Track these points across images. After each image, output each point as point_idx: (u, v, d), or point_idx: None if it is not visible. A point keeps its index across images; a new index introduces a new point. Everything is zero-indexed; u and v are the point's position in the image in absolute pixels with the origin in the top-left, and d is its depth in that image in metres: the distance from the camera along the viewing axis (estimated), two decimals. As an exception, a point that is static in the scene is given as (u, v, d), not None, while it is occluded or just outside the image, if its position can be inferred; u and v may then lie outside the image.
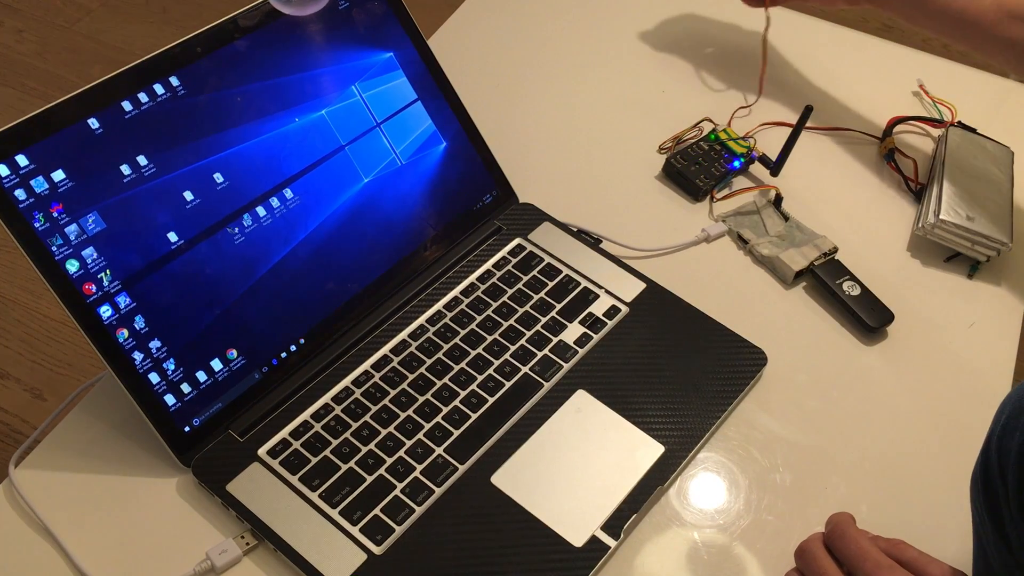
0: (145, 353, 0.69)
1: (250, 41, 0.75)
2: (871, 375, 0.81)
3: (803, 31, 1.14)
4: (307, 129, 0.78)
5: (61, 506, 0.69)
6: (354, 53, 0.81)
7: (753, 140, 0.96)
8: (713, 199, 0.93)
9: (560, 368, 0.77)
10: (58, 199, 0.66)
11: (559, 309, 0.81)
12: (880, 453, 0.75)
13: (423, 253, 0.83)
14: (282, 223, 0.76)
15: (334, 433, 0.72)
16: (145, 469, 0.71)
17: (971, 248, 0.87)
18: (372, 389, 0.75)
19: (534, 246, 0.86)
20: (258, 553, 0.68)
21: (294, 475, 0.70)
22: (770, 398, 0.78)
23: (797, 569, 0.66)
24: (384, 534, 0.67)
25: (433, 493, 0.69)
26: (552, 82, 1.05)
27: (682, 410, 0.75)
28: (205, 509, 0.69)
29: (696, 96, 1.04)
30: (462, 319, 0.80)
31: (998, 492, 0.57)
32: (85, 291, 0.67)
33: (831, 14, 1.02)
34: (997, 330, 0.84)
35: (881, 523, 0.68)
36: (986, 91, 1.09)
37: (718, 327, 0.81)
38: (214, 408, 0.72)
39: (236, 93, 0.74)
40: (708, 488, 0.73)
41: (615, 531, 0.68)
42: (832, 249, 0.87)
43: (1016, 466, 0.55)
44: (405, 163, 0.83)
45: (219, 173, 0.73)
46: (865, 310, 0.83)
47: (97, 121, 0.68)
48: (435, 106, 0.85)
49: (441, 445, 0.72)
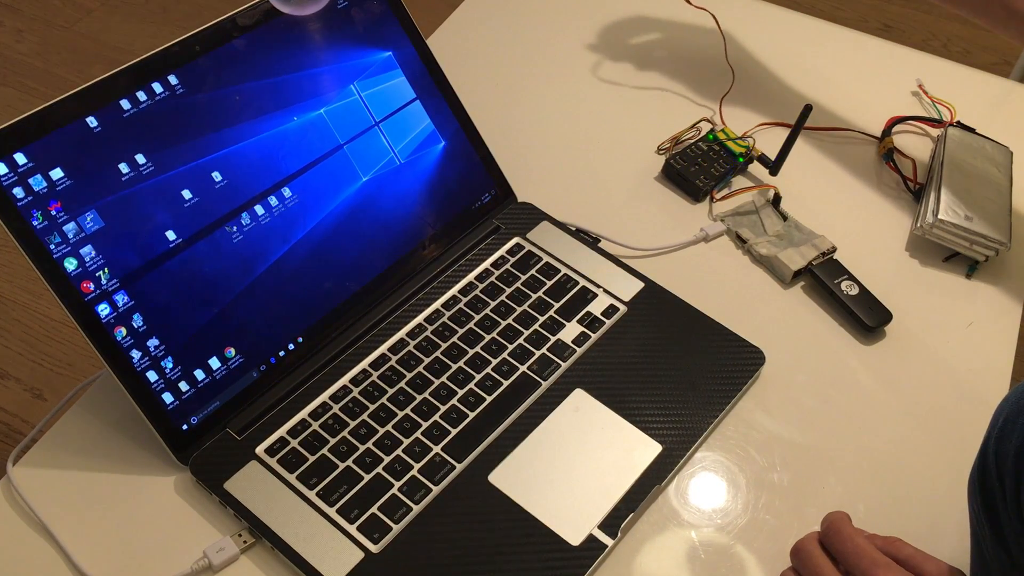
0: (143, 351, 0.69)
1: (249, 40, 0.75)
2: (869, 375, 0.81)
3: (803, 31, 1.14)
4: (306, 128, 0.78)
5: (59, 504, 0.69)
6: (353, 52, 0.81)
7: (752, 140, 0.96)
8: (713, 199, 0.93)
9: (558, 367, 0.77)
10: (56, 197, 0.66)
11: (557, 308, 0.81)
12: (877, 452, 0.75)
13: (421, 252, 0.83)
14: (280, 222, 0.76)
15: (332, 431, 0.72)
16: (143, 467, 0.71)
17: (970, 248, 0.87)
18: (370, 387, 0.75)
19: (532, 245, 0.86)
20: (255, 551, 0.68)
21: (292, 473, 0.70)
22: (768, 397, 0.78)
23: (793, 568, 0.66)
24: (381, 532, 0.67)
25: (431, 492, 0.69)
26: (551, 82, 1.05)
27: (680, 409, 0.75)
28: (203, 507, 0.70)
29: (695, 96, 1.04)
30: (460, 318, 0.80)
31: (995, 495, 0.57)
32: (83, 289, 0.67)
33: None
34: (995, 330, 0.84)
35: (878, 522, 0.68)
36: (985, 91, 1.09)
37: (716, 326, 0.81)
38: (212, 406, 0.72)
39: (234, 92, 0.74)
40: (706, 487, 0.73)
41: (612, 530, 0.68)
42: (830, 249, 0.87)
43: (1013, 469, 0.55)
44: (403, 162, 0.83)
45: (217, 172, 0.73)
46: (863, 310, 0.83)
47: (96, 119, 0.68)
48: (434, 105, 0.85)
49: (439, 444, 0.72)
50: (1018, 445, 0.54)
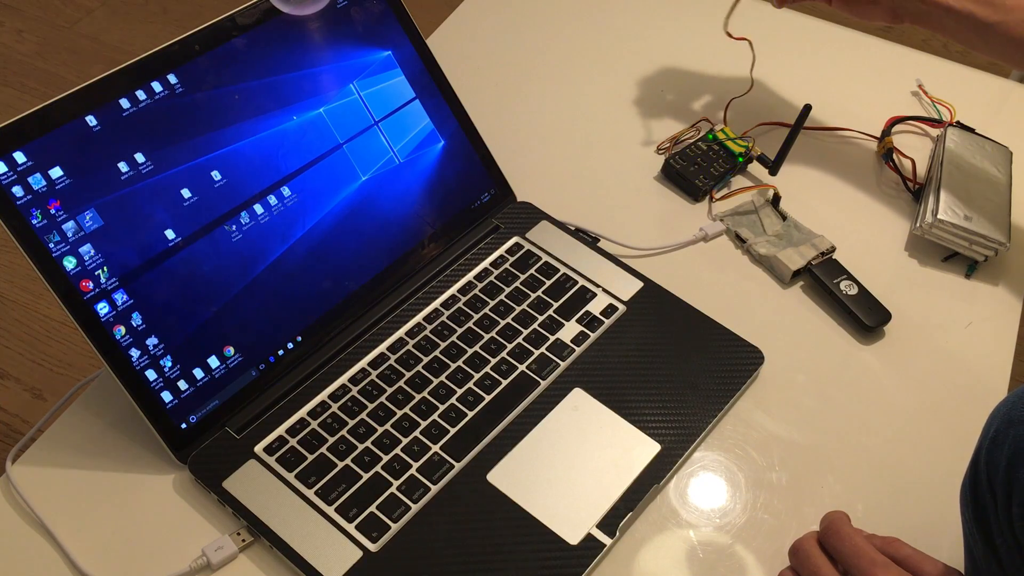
0: (142, 350, 0.69)
1: (248, 39, 0.75)
2: (868, 374, 0.81)
3: (802, 31, 1.14)
4: (305, 127, 0.78)
5: (58, 502, 0.69)
6: (352, 51, 0.81)
7: (751, 140, 0.96)
8: (712, 199, 0.93)
9: (557, 366, 0.77)
10: (56, 196, 0.66)
11: (556, 307, 0.81)
12: (876, 452, 0.75)
13: (420, 251, 0.83)
14: (279, 221, 0.76)
15: (330, 430, 0.72)
16: (142, 466, 0.71)
17: (969, 248, 0.87)
18: (368, 386, 0.75)
19: (532, 244, 0.86)
20: (254, 550, 0.68)
21: (290, 472, 0.70)
22: (767, 397, 0.78)
23: (792, 567, 0.66)
24: (380, 531, 0.67)
25: (429, 491, 0.69)
26: (550, 81, 1.05)
27: (679, 409, 0.75)
28: (201, 506, 0.70)
29: (694, 96, 1.04)
30: (459, 317, 0.80)
31: (987, 504, 0.56)
32: (82, 288, 0.67)
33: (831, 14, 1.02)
34: (994, 330, 0.84)
35: (877, 522, 0.68)
36: (985, 91, 1.09)
37: (715, 326, 0.81)
38: (211, 405, 0.72)
39: (234, 91, 0.74)
40: (704, 487, 0.73)
41: (611, 529, 0.68)
42: (830, 248, 0.87)
43: (1004, 480, 0.54)
44: (403, 161, 0.83)
45: (217, 171, 0.73)
46: (862, 309, 0.83)
47: (95, 118, 0.68)
48: (433, 105, 0.85)
49: (437, 443, 0.72)
50: (1009, 456, 0.54)
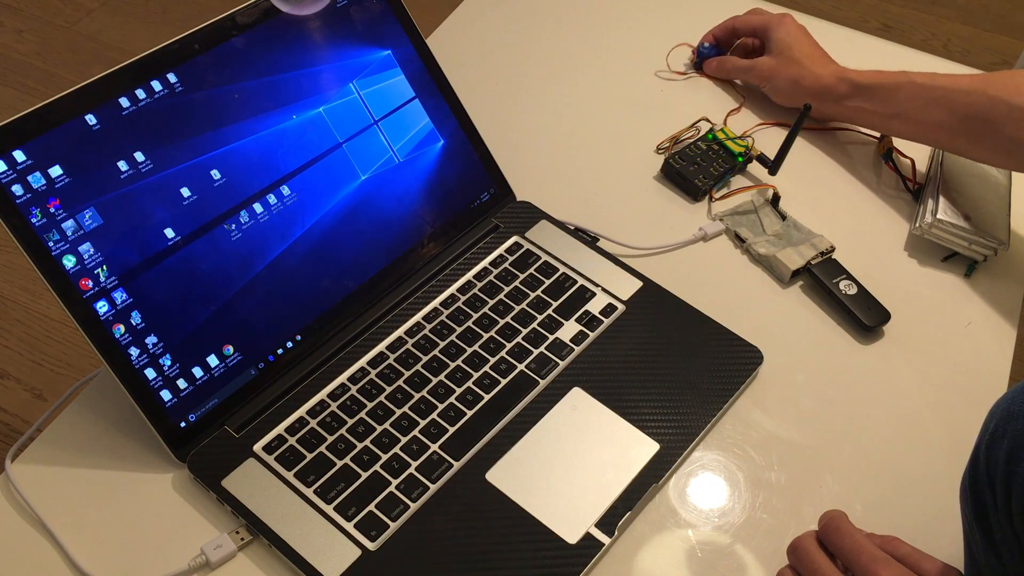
0: (141, 349, 0.69)
1: (248, 38, 0.75)
2: (867, 374, 0.81)
3: (802, 31, 1.14)
4: (304, 126, 0.78)
5: (57, 501, 0.69)
6: (352, 50, 0.81)
7: (751, 139, 0.96)
8: (711, 199, 0.93)
9: (556, 366, 0.77)
10: (55, 195, 0.66)
11: (555, 307, 0.81)
12: (875, 452, 0.75)
13: (420, 250, 0.83)
14: (279, 220, 0.76)
15: (329, 429, 0.72)
16: (141, 464, 0.71)
17: (968, 248, 0.87)
18: (367, 385, 0.75)
19: (531, 244, 0.86)
20: (253, 548, 0.68)
21: (289, 471, 0.70)
22: (766, 397, 0.78)
23: (791, 566, 0.66)
24: (379, 530, 0.67)
25: (428, 490, 0.70)
26: (550, 81, 1.05)
27: (678, 408, 0.75)
28: (200, 504, 0.70)
29: (693, 95, 1.04)
30: (458, 316, 0.80)
31: (986, 501, 0.57)
32: (82, 287, 0.67)
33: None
34: (994, 330, 0.84)
35: (875, 521, 0.68)
36: (984, 92, 1.08)
37: (714, 325, 0.81)
38: (210, 404, 0.72)
39: (233, 90, 0.74)
40: (703, 486, 0.73)
41: (609, 528, 0.68)
42: (829, 248, 0.87)
43: (1003, 475, 0.54)
44: (402, 161, 0.83)
45: (216, 170, 0.73)
46: (862, 309, 0.83)
47: (94, 117, 0.68)
48: (433, 104, 0.86)
49: (436, 442, 0.72)
50: (1008, 451, 0.54)
